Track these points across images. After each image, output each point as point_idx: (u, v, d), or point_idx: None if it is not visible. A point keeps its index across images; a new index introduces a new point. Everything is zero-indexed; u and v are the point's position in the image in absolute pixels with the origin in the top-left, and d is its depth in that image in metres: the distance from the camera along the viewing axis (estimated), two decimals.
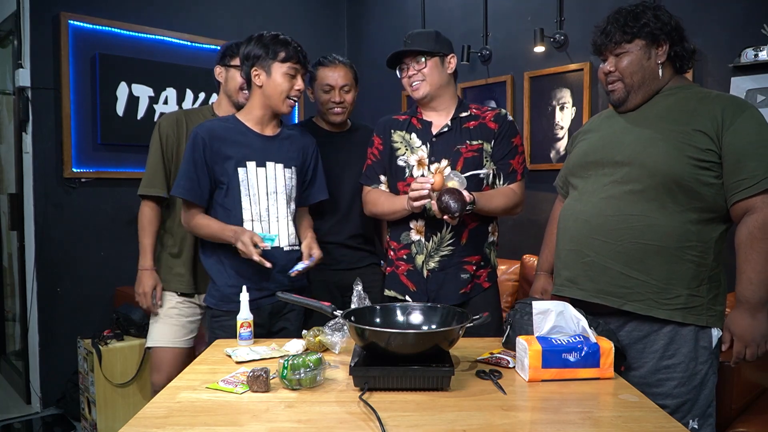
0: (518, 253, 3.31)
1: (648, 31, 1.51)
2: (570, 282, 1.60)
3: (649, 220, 1.47)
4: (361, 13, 4.50)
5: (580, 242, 1.57)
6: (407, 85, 1.96)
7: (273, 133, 1.94)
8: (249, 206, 1.86)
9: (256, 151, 1.88)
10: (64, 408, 3.24)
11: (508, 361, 1.44)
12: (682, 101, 1.52)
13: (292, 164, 1.95)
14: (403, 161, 1.94)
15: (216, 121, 1.93)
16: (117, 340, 2.90)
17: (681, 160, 1.44)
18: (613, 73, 1.56)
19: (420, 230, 1.89)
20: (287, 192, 1.92)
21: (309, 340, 1.58)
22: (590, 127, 1.74)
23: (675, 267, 1.46)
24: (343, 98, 2.23)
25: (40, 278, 3.22)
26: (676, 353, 1.47)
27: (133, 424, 1.12)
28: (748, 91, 2.53)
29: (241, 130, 1.89)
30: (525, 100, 3.43)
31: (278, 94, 1.85)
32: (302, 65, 1.88)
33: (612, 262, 1.51)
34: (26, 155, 3.24)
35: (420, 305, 1.55)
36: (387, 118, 2.05)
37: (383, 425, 1.09)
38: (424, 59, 1.90)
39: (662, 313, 1.47)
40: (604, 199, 1.54)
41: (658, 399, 1.45)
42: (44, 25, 3.19)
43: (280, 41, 1.85)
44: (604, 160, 1.58)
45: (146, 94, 3.48)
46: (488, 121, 1.93)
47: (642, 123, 1.55)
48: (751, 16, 2.56)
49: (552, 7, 3.29)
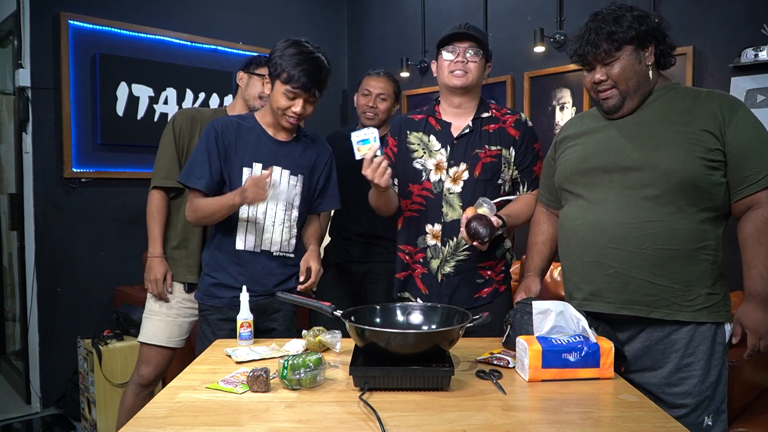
0: (518, 253, 3.31)
1: (634, 35, 1.48)
2: (594, 296, 1.54)
3: (668, 224, 1.45)
4: (361, 13, 4.50)
5: (600, 254, 1.51)
6: (446, 68, 1.85)
7: (286, 138, 1.91)
8: (246, 208, 1.85)
9: (264, 154, 1.86)
10: (64, 408, 3.24)
11: (507, 361, 1.44)
12: (675, 101, 1.52)
13: (299, 172, 1.92)
14: (420, 164, 1.90)
15: (234, 117, 1.93)
16: (117, 340, 2.90)
17: (694, 162, 1.43)
18: (605, 81, 1.52)
19: (436, 235, 1.87)
20: (288, 199, 1.90)
21: (309, 340, 1.58)
22: (575, 131, 1.68)
23: (694, 268, 1.46)
24: (376, 105, 2.43)
25: (40, 278, 3.22)
26: (696, 351, 1.47)
27: (133, 424, 1.12)
28: (748, 91, 2.53)
29: (255, 131, 1.88)
30: (525, 100, 3.43)
31: (276, 108, 1.82)
32: (304, 90, 1.78)
33: (636, 270, 1.47)
34: (26, 155, 3.24)
35: (420, 305, 1.55)
36: (403, 118, 2.01)
37: (383, 425, 1.09)
38: (475, 52, 1.85)
39: (687, 315, 1.46)
40: (619, 207, 1.49)
41: (679, 398, 1.46)
42: (44, 25, 3.19)
43: (294, 61, 1.75)
44: (608, 165, 1.53)
45: (146, 94, 3.48)
46: (508, 126, 1.90)
47: (642, 126, 1.52)
48: (751, 16, 2.56)
49: (552, 7, 3.29)
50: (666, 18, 2.82)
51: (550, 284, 3.02)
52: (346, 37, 4.60)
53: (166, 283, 2.17)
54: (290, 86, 1.77)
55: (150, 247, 2.18)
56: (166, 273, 2.17)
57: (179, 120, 2.17)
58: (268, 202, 1.87)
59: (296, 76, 1.75)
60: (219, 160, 1.83)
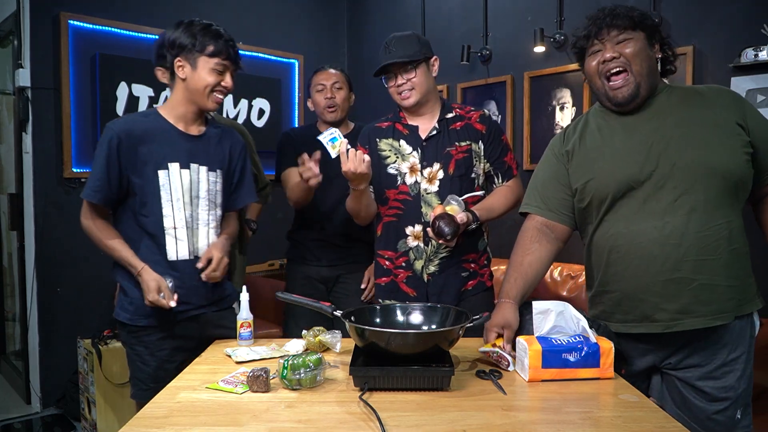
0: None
1: (649, 24, 1.45)
2: (681, 314, 1.41)
3: (730, 224, 1.41)
4: (361, 13, 4.50)
5: (679, 269, 1.39)
6: (395, 93, 1.91)
7: (198, 132, 1.77)
8: (171, 213, 1.69)
9: (179, 152, 1.70)
10: (64, 408, 3.24)
11: (508, 363, 1.42)
12: (686, 98, 1.47)
13: (217, 167, 1.78)
14: (395, 169, 1.92)
15: (135, 116, 1.77)
16: (117, 340, 2.89)
17: (741, 158, 1.40)
18: (617, 59, 1.41)
19: (418, 236, 1.89)
20: (210, 197, 1.76)
21: (309, 340, 1.58)
22: (589, 142, 1.53)
23: (746, 262, 1.45)
24: (334, 95, 2.35)
25: (40, 278, 3.22)
26: (739, 345, 1.45)
27: (133, 424, 1.12)
28: (748, 91, 2.53)
29: (163, 128, 1.71)
30: (525, 100, 3.42)
31: (202, 88, 1.68)
32: (232, 61, 1.71)
33: (718, 278, 1.40)
34: (26, 155, 3.24)
35: (420, 305, 1.55)
36: (369, 127, 2.03)
37: (383, 425, 1.09)
38: (413, 68, 1.85)
39: (744, 309, 1.44)
40: (684, 216, 1.39)
41: (722, 392, 1.43)
42: (44, 25, 3.19)
43: (210, 33, 1.69)
44: (655, 172, 1.41)
45: (146, 94, 3.48)
46: (474, 122, 1.93)
47: (672, 125, 1.43)
48: (751, 16, 2.56)
49: (552, 7, 3.29)
50: (666, 18, 2.81)
51: (550, 284, 3.02)
52: (346, 37, 4.60)
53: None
54: (220, 59, 1.68)
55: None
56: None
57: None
58: (192, 205, 1.72)
59: (222, 46, 1.68)
60: (120, 170, 1.66)
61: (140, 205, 1.69)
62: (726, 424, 1.43)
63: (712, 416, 1.43)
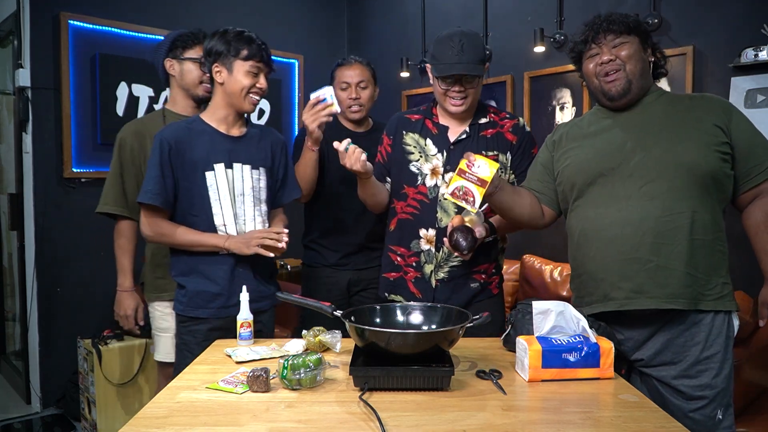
0: (518, 253, 3.31)
1: (642, 29, 1.56)
2: (636, 293, 1.49)
3: (694, 215, 1.47)
4: (361, 13, 4.50)
5: (637, 249, 1.49)
6: (442, 94, 1.81)
7: (239, 133, 1.87)
8: (220, 211, 1.80)
9: (223, 153, 1.81)
10: (64, 408, 3.24)
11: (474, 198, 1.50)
12: (674, 101, 1.58)
13: (260, 165, 1.88)
14: (416, 168, 1.88)
15: (181, 123, 1.85)
16: (117, 340, 2.90)
17: (712, 155, 1.48)
18: (614, 60, 1.53)
19: (431, 240, 1.86)
20: (255, 194, 1.86)
21: (309, 340, 1.58)
22: (577, 131, 1.67)
23: (712, 258, 1.50)
24: (359, 95, 2.29)
25: (40, 278, 3.22)
26: (714, 343, 1.48)
27: (133, 424, 1.12)
28: (748, 91, 2.53)
29: (206, 132, 1.82)
30: (525, 100, 3.43)
31: (239, 91, 1.79)
32: (265, 63, 1.83)
33: (675, 263, 1.47)
34: (26, 155, 3.24)
35: (420, 305, 1.55)
36: (399, 117, 1.99)
37: (383, 425, 1.09)
38: (476, 77, 1.78)
39: (709, 305, 1.48)
40: (647, 202, 1.49)
41: (698, 390, 1.47)
42: (44, 25, 3.19)
43: (243, 38, 1.79)
44: (629, 161, 1.52)
45: (146, 94, 3.48)
46: (506, 131, 1.89)
47: (653, 122, 1.54)
48: (751, 16, 2.56)
49: (552, 7, 3.29)
50: (666, 18, 2.81)
51: (550, 284, 3.03)
52: (346, 37, 4.60)
53: (137, 317, 2.10)
54: (254, 61, 1.79)
55: (120, 279, 2.09)
56: (137, 307, 2.10)
57: (125, 139, 2.04)
58: (236, 202, 1.82)
59: (255, 50, 1.79)
60: (172, 174, 1.77)
61: (189, 206, 1.80)
62: (705, 424, 1.46)
63: (690, 414, 1.47)
